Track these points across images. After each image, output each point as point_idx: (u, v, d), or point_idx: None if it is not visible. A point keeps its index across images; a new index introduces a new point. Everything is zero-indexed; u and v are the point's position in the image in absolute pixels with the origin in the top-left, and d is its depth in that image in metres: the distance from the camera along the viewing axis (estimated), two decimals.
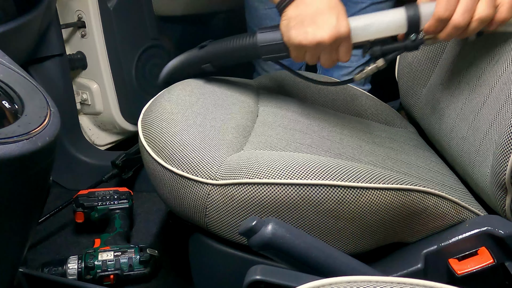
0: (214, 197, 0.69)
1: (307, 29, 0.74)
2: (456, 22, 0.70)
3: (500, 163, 0.66)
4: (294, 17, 0.75)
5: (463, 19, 0.69)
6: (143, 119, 0.81)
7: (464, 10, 0.69)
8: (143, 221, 1.24)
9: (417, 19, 0.73)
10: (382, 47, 0.78)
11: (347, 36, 0.74)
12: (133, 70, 1.47)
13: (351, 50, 0.77)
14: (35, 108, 0.53)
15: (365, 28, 0.76)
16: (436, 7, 0.70)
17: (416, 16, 0.73)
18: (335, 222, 0.68)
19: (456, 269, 0.66)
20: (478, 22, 0.70)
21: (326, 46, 0.74)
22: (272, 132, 0.83)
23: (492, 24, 0.71)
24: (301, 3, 0.74)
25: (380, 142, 0.90)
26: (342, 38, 0.74)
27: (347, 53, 0.77)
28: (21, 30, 1.05)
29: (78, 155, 1.37)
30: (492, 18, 0.70)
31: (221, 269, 0.77)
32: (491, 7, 0.69)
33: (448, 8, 0.69)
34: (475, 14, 0.69)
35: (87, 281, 0.99)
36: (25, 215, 0.54)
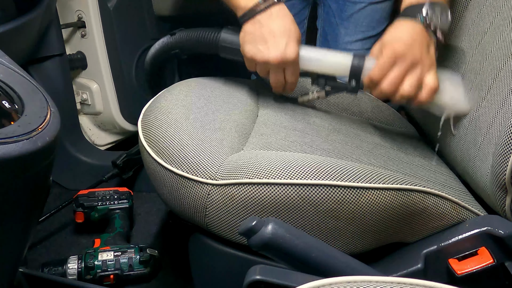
0: (214, 197, 0.69)
1: (259, 46, 0.81)
2: (382, 88, 0.77)
3: (500, 163, 0.66)
4: (249, 33, 0.82)
5: (388, 88, 0.76)
6: (143, 119, 0.81)
7: (390, 82, 0.76)
8: (143, 221, 1.24)
9: (359, 70, 0.80)
10: (326, 81, 0.87)
11: (292, 61, 0.81)
12: (133, 70, 1.47)
13: (297, 75, 0.84)
14: (35, 108, 0.53)
15: (313, 60, 0.83)
16: (372, 68, 0.78)
17: (359, 67, 0.80)
18: (335, 222, 0.68)
19: (456, 269, 0.66)
20: (400, 97, 0.77)
21: (272, 66, 0.82)
22: (272, 132, 0.83)
23: (414, 102, 0.78)
24: (257, 22, 0.81)
25: (380, 142, 0.90)
26: (288, 62, 0.81)
27: (292, 75, 0.84)
28: (21, 30, 1.05)
29: (78, 155, 1.37)
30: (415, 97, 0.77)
31: (221, 269, 0.77)
32: (414, 87, 0.76)
33: (380, 74, 0.77)
34: (399, 89, 0.76)
35: (87, 281, 0.99)
36: (25, 215, 0.54)
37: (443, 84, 0.79)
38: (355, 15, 1.30)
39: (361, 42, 1.33)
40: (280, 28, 0.81)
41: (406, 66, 0.76)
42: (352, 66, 0.81)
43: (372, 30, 1.32)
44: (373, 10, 1.29)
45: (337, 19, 1.33)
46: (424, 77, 0.77)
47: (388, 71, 0.76)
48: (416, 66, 0.76)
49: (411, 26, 0.78)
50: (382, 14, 1.31)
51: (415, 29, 0.78)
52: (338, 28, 1.33)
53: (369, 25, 1.31)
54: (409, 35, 0.77)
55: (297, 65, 0.83)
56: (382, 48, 0.78)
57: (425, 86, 0.77)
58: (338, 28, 1.33)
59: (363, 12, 1.30)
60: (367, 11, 1.29)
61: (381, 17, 1.31)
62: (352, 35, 1.33)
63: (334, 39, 1.36)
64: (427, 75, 0.77)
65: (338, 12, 1.32)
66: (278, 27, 0.81)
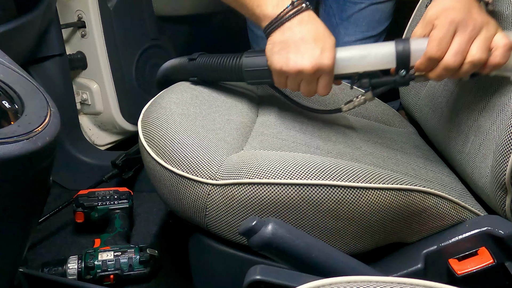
0: (214, 197, 0.69)
1: (290, 55, 0.73)
2: (447, 63, 0.68)
3: (500, 163, 0.66)
4: (278, 42, 0.74)
5: (454, 61, 0.67)
6: (143, 119, 0.81)
7: (456, 52, 0.67)
8: (143, 221, 1.24)
9: (407, 56, 0.71)
10: (371, 80, 0.76)
11: (329, 70, 0.73)
12: (133, 70, 1.47)
13: (331, 84, 0.76)
14: (35, 108, 0.53)
15: (352, 60, 0.74)
16: (428, 45, 0.68)
17: (406, 52, 0.71)
18: (335, 222, 0.68)
19: (456, 269, 0.66)
20: (470, 65, 0.67)
21: (306, 75, 0.73)
22: (272, 132, 0.83)
23: (485, 67, 0.69)
24: (288, 29, 0.73)
25: (380, 142, 0.90)
26: (323, 70, 0.73)
27: (326, 86, 0.76)
28: (21, 30, 1.05)
29: (78, 155, 1.37)
30: (486, 61, 0.68)
31: (221, 269, 0.77)
32: (485, 50, 0.67)
33: (440, 48, 0.67)
34: (468, 57, 0.67)
35: (87, 281, 0.99)
36: (25, 215, 0.54)
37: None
38: (355, 15, 1.30)
39: (360, 42, 1.33)
40: (313, 34, 0.73)
41: (470, 30, 0.66)
42: (398, 53, 0.71)
43: (372, 30, 1.32)
44: (374, 10, 1.30)
45: (337, 19, 1.33)
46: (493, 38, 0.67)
47: (449, 43, 0.67)
48: (480, 30, 0.67)
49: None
50: (382, 15, 1.31)
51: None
52: (338, 28, 1.34)
53: (369, 25, 1.31)
54: (459, 3, 0.68)
55: (332, 74, 0.74)
56: (433, 22, 0.69)
57: (496, 47, 0.67)
58: (338, 28, 1.34)
59: (363, 13, 1.30)
60: (367, 11, 1.29)
61: (381, 17, 1.31)
62: (352, 35, 1.33)
63: None
64: (495, 36, 0.68)
65: (338, 12, 1.33)
66: (310, 32, 0.73)
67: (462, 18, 0.67)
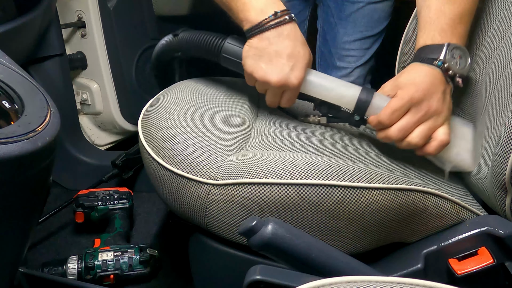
0: (214, 197, 0.69)
1: (261, 64, 0.75)
2: (390, 133, 0.72)
3: (500, 163, 0.66)
4: (254, 48, 0.75)
5: (396, 135, 0.72)
6: (143, 119, 0.81)
7: (401, 128, 0.71)
8: (143, 221, 1.24)
9: (365, 106, 0.75)
10: (329, 110, 0.82)
11: (294, 88, 0.76)
12: (133, 70, 1.47)
13: (295, 100, 0.79)
14: (35, 108, 0.53)
15: (317, 87, 0.78)
16: (382, 111, 0.73)
17: (366, 103, 0.75)
18: (335, 222, 0.68)
19: (456, 269, 0.66)
20: (407, 144, 0.72)
21: (272, 88, 0.76)
22: (272, 132, 0.83)
23: (419, 151, 0.74)
24: (266, 39, 0.74)
25: (380, 142, 0.90)
26: (288, 87, 0.76)
27: (288, 101, 0.79)
28: (21, 30, 1.05)
29: (78, 155, 1.37)
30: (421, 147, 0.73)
31: (221, 269, 0.77)
32: (423, 138, 0.71)
33: (390, 118, 0.72)
34: (408, 137, 0.72)
35: (87, 281, 0.99)
36: (25, 215, 0.54)
37: (453, 138, 0.74)
38: (353, 15, 1.30)
39: (359, 42, 1.33)
40: (288, 50, 0.74)
41: (420, 115, 0.71)
42: (359, 100, 0.76)
43: (370, 30, 1.32)
44: (372, 10, 1.30)
45: (335, 19, 1.33)
46: (436, 129, 0.72)
47: (400, 116, 0.71)
48: (431, 117, 0.71)
49: (429, 71, 0.73)
50: (381, 14, 1.31)
51: (433, 75, 0.73)
52: (336, 27, 1.34)
53: (367, 24, 1.31)
54: (428, 81, 0.72)
55: (297, 92, 0.78)
56: (398, 90, 0.73)
57: (435, 139, 0.72)
58: (336, 28, 1.34)
59: (362, 12, 1.30)
60: (366, 11, 1.29)
61: (380, 17, 1.31)
62: (351, 35, 1.33)
63: (332, 39, 1.36)
64: (439, 128, 0.72)
65: (337, 12, 1.33)
66: (286, 48, 0.74)
67: (420, 99, 0.70)
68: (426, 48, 0.76)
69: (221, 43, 0.81)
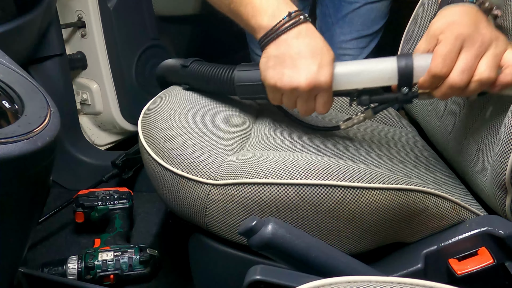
0: (214, 197, 0.69)
1: (285, 71, 0.68)
2: (452, 81, 0.63)
3: (500, 163, 0.66)
4: (273, 56, 0.69)
5: (460, 79, 0.62)
6: (143, 119, 0.81)
7: (463, 69, 0.62)
8: (143, 221, 1.24)
9: (410, 72, 0.67)
10: (371, 97, 0.72)
11: (326, 87, 0.69)
12: (133, 70, 1.47)
13: (331, 102, 0.71)
14: (35, 108, 0.53)
15: (351, 76, 0.70)
16: (432, 61, 0.64)
17: (408, 69, 0.66)
18: (335, 222, 0.68)
19: (456, 269, 0.66)
20: (477, 84, 0.63)
21: (302, 92, 0.69)
22: (272, 132, 0.83)
23: (494, 86, 0.64)
24: (283, 42, 0.69)
25: (380, 142, 0.90)
26: (321, 88, 0.68)
27: (325, 104, 0.71)
28: (21, 30, 1.05)
29: (78, 155, 1.37)
30: (495, 80, 0.63)
31: (221, 269, 0.77)
32: (493, 68, 0.62)
33: (445, 64, 0.63)
34: (475, 75, 0.62)
35: (87, 281, 0.98)
36: (25, 215, 0.54)
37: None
38: (350, 15, 1.31)
39: (356, 41, 1.34)
40: (311, 48, 0.68)
41: (477, 46, 0.62)
42: (400, 69, 0.67)
43: (367, 29, 1.33)
44: (369, 9, 1.30)
45: (332, 18, 1.34)
46: (503, 55, 0.63)
47: (455, 60, 0.62)
48: (489, 45, 0.62)
49: (464, 9, 0.65)
50: (378, 14, 1.32)
51: (470, 11, 0.65)
52: (333, 27, 1.34)
53: (364, 24, 1.32)
54: (467, 16, 0.64)
55: (330, 91, 0.70)
56: (438, 37, 0.64)
57: (508, 64, 0.62)
58: (333, 28, 1.34)
59: (358, 12, 1.30)
60: (362, 10, 1.30)
61: (376, 16, 1.32)
62: (347, 34, 1.34)
63: (329, 38, 1.37)
64: (506, 52, 0.63)
65: (334, 12, 1.33)
66: (308, 46, 0.68)
67: (469, 33, 0.62)
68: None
69: (232, 74, 0.76)
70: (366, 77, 0.70)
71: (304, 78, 0.67)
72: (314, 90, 0.69)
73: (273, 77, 0.69)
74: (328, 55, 0.69)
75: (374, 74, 0.69)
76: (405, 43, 1.03)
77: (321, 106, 0.71)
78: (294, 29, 0.69)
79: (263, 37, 0.70)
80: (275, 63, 0.69)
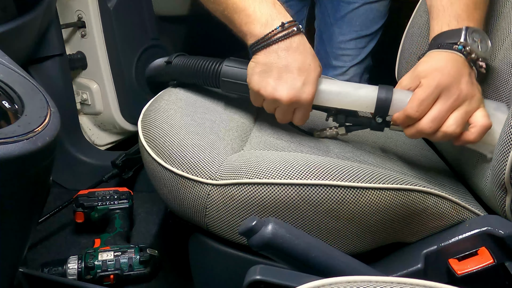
0: (214, 197, 0.69)
1: (269, 80, 0.70)
2: (422, 127, 0.67)
3: (500, 163, 0.66)
4: (262, 64, 0.71)
5: (429, 127, 0.66)
6: (143, 119, 0.81)
7: (434, 118, 0.66)
8: (143, 221, 1.24)
9: (387, 105, 0.70)
10: (347, 117, 0.77)
11: (306, 104, 0.71)
12: (133, 70, 1.46)
13: (307, 117, 0.75)
14: (35, 108, 0.53)
15: (332, 95, 0.72)
16: (409, 103, 0.67)
17: (386, 102, 0.70)
18: (335, 222, 0.68)
19: (456, 269, 0.66)
20: (443, 135, 0.67)
21: (282, 105, 0.71)
22: (272, 132, 0.83)
23: (458, 140, 0.68)
24: (273, 53, 0.70)
25: (380, 142, 0.90)
26: (301, 104, 0.71)
27: (302, 118, 0.74)
28: (21, 30, 1.05)
29: (78, 155, 1.37)
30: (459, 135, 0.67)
31: (221, 269, 0.77)
32: (461, 124, 0.66)
33: (419, 109, 0.66)
34: (443, 126, 0.66)
35: (87, 281, 0.98)
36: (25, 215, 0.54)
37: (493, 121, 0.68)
38: (349, 15, 1.31)
39: (355, 41, 1.34)
40: (298, 63, 0.69)
41: (452, 100, 0.65)
42: (379, 100, 0.70)
43: (366, 29, 1.33)
44: (367, 9, 1.30)
45: (331, 19, 1.34)
46: (473, 113, 0.67)
47: (429, 106, 0.66)
48: (463, 101, 0.66)
49: (450, 57, 0.68)
50: (376, 14, 1.32)
51: (455, 59, 0.68)
52: (332, 27, 1.35)
53: (363, 24, 1.32)
54: (451, 66, 0.67)
55: (309, 108, 0.73)
56: (420, 79, 0.67)
57: (475, 124, 0.66)
58: (332, 28, 1.35)
59: (357, 12, 1.30)
60: (361, 10, 1.30)
61: (375, 16, 1.32)
62: (346, 35, 1.34)
63: (329, 38, 1.37)
64: (476, 112, 0.67)
65: (333, 12, 1.33)
66: (296, 61, 0.69)
67: (448, 84, 0.65)
68: (443, 35, 0.71)
69: (219, 68, 0.77)
70: (346, 99, 0.73)
71: (286, 93, 0.70)
72: (294, 105, 0.71)
73: (258, 84, 0.71)
74: (314, 73, 0.71)
75: (353, 98, 0.72)
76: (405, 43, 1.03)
77: (298, 119, 0.74)
78: (286, 41, 0.70)
79: (254, 44, 0.71)
80: (262, 71, 0.71)
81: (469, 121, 0.67)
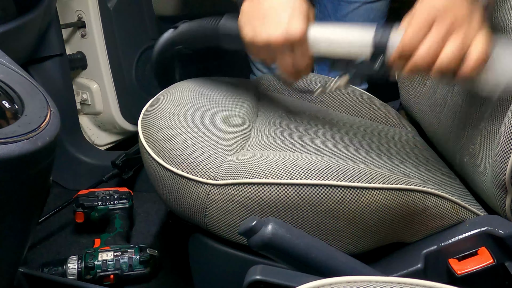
0: (214, 197, 0.69)
1: (256, 26, 0.68)
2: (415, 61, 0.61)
3: (500, 163, 0.66)
4: (247, 12, 0.70)
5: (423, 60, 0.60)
6: (143, 119, 0.81)
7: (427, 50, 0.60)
8: (143, 221, 1.24)
9: (383, 46, 0.64)
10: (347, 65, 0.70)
11: (298, 37, 0.67)
12: (133, 70, 1.47)
13: (309, 56, 0.69)
14: (35, 108, 0.53)
15: (322, 41, 0.68)
16: (403, 34, 0.62)
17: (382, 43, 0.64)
18: (335, 222, 0.68)
19: (456, 269, 0.66)
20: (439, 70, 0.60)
21: (276, 46, 0.68)
22: (272, 132, 0.83)
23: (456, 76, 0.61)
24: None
25: (380, 142, 0.90)
26: (293, 38, 0.67)
27: (302, 57, 0.69)
28: (21, 30, 1.05)
29: (78, 155, 1.37)
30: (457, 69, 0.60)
31: (221, 269, 0.77)
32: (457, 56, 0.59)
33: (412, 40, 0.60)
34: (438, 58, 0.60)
35: (87, 281, 0.99)
36: (25, 215, 0.54)
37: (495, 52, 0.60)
38: (349, 15, 1.31)
39: None
40: (282, 1, 0.67)
41: (447, 27, 0.58)
42: (375, 42, 0.64)
43: None
44: (368, 9, 1.30)
45: (331, 19, 1.34)
46: (471, 42, 0.59)
47: (424, 36, 0.60)
48: (460, 28, 0.59)
49: None
50: (377, 14, 1.32)
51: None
52: None
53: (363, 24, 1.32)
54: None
55: (305, 46, 0.68)
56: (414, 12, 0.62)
57: (469, 55, 0.59)
58: None
59: (358, 12, 1.30)
60: (361, 10, 1.30)
61: (376, 16, 1.32)
62: None
63: None
64: (474, 40, 0.59)
65: (333, 12, 1.33)
66: (278, 1, 0.68)
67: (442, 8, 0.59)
68: None
69: (217, 22, 0.77)
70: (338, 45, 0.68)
71: (274, 31, 0.67)
72: (287, 43, 0.68)
73: (248, 33, 0.70)
74: (300, 7, 0.68)
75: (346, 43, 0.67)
76: None
77: (299, 58, 0.69)
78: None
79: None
80: (248, 19, 0.70)
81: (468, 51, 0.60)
